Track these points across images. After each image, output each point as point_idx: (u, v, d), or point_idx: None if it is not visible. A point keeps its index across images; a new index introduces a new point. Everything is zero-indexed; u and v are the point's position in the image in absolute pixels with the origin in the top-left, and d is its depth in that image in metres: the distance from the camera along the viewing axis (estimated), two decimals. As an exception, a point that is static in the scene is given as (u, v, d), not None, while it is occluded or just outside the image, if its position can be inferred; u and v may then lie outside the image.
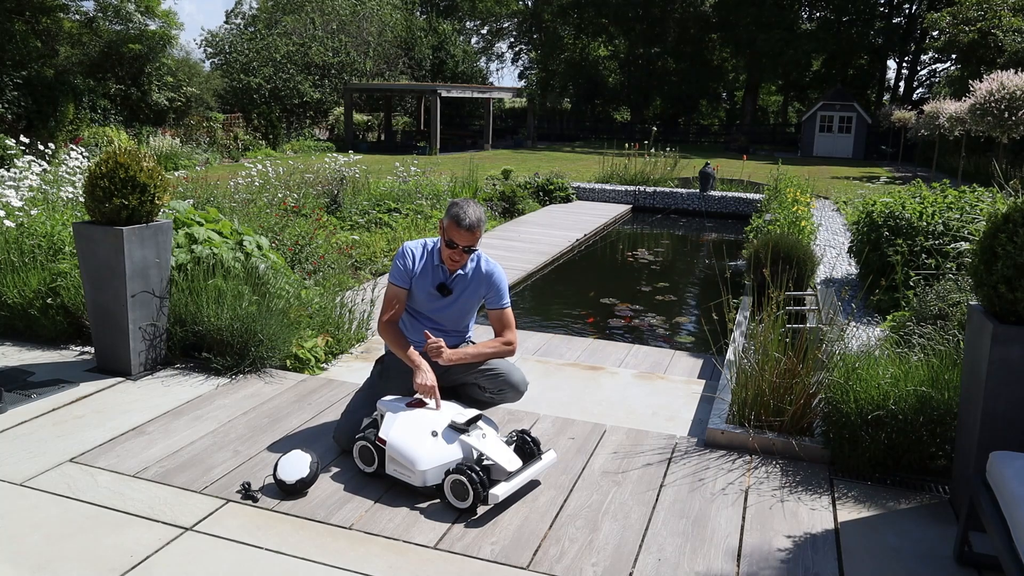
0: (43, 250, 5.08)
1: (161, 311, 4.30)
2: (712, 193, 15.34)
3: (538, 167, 19.23)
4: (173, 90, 21.52)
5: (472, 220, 3.37)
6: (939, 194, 6.98)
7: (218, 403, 3.92)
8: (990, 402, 2.72)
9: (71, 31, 20.67)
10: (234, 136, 22.20)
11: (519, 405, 3.88)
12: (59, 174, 7.05)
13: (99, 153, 6.16)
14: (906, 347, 3.97)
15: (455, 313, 3.61)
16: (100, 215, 4.06)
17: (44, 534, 2.71)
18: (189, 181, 8.59)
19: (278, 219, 6.93)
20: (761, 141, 33.76)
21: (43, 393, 3.90)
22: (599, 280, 9.90)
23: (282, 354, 4.44)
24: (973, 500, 2.58)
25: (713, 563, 2.68)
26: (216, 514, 2.88)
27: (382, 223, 9.90)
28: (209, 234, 4.96)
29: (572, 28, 40.42)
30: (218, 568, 2.56)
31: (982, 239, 2.87)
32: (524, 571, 2.61)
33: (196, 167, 16.53)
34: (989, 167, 12.95)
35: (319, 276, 6.34)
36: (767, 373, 3.58)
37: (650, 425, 3.95)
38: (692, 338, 6.98)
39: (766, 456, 3.48)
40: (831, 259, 8.63)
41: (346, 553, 2.67)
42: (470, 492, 2.88)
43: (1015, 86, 12.86)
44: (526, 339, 5.76)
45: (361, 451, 3.18)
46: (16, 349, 4.56)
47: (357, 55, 29.90)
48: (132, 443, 3.43)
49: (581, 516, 2.96)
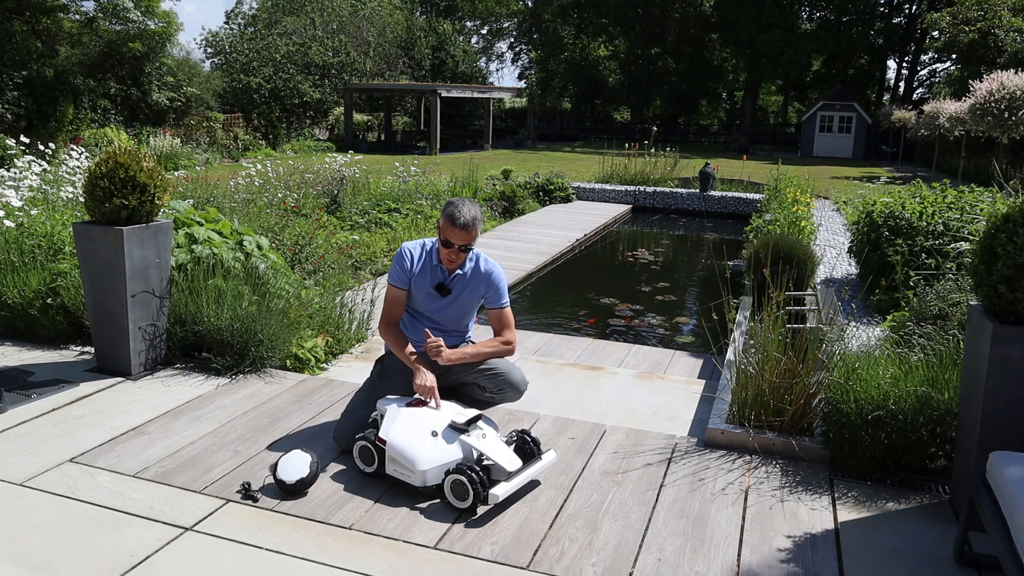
0: (43, 250, 5.08)
1: (161, 311, 4.30)
2: (712, 193, 15.34)
3: (538, 167, 19.23)
4: (173, 90, 21.52)
5: (467, 218, 3.36)
6: (939, 194, 6.98)
7: (218, 403, 3.92)
8: (990, 402, 2.72)
9: (71, 31, 20.66)
10: (234, 136, 22.20)
11: (519, 405, 3.88)
12: (59, 174, 7.05)
13: (99, 153, 6.15)
14: (906, 347, 3.96)
15: (455, 313, 3.61)
16: (100, 215, 4.06)
17: (44, 534, 2.71)
18: (189, 181, 8.59)
19: (278, 219, 6.93)
20: (761, 141, 33.76)
21: (43, 393, 3.90)
22: (599, 280, 9.90)
23: (282, 354, 4.44)
24: (973, 500, 2.58)
25: (713, 563, 2.68)
26: (216, 514, 2.88)
27: (382, 223, 9.90)
28: (209, 234, 4.96)
29: (572, 28, 40.42)
30: (218, 568, 2.56)
31: (982, 239, 2.87)
32: (524, 571, 2.61)
33: (196, 167, 16.53)
34: (989, 167, 12.96)
35: (319, 276, 6.34)
36: (767, 373, 3.58)
37: (650, 425, 3.95)
38: (692, 338, 6.98)
39: (766, 456, 3.48)
40: (831, 259, 8.63)
41: (346, 553, 2.67)
42: (470, 492, 2.88)
43: (1015, 86, 12.86)
44: (526, 339, 5.76)
45: (361, 451, 3.18)
46: (16, 349, 4.56)
47: (357, 55, 29.91)
48: (132, 443, 3.43)
49: (581, 516, 2.95)
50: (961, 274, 4.83)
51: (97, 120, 19.07)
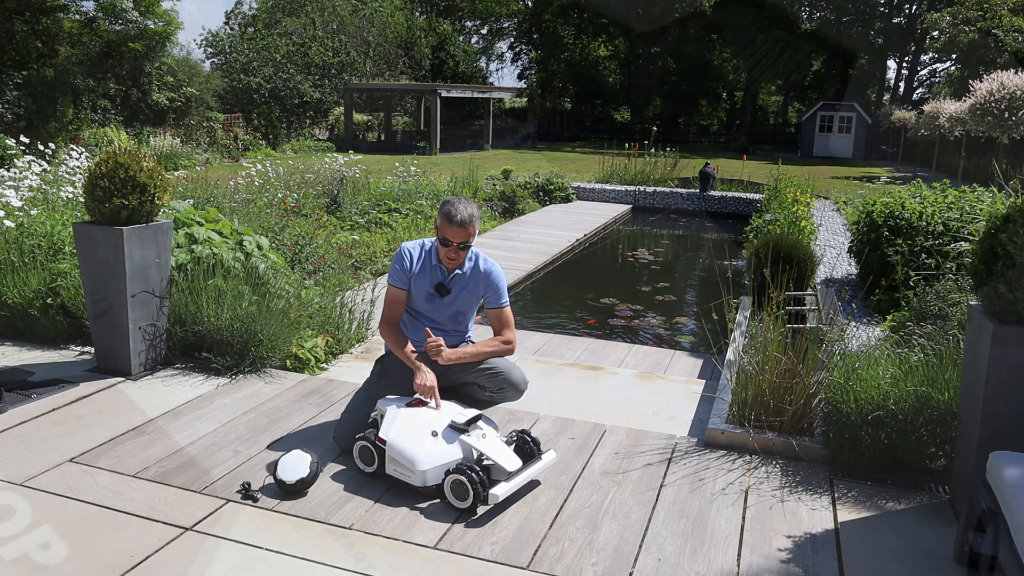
0: (43, 250, 5.08)
1: (161, 311, 4.30)
2: (712, 193, 15.34)
3: (538, 167, 19.23)
4: (173, 90, 21.52)
5: (463, 216, 3.36)
6: (939, 194, 6.97)
7: (218, 403, 3.92)
8: (990, 402, 2.72)
9: (71, 31, 20.66)
10: (234, 136, 22.20)
11: (519, 405, 3.88)
12: (59, 174, 7.05)
13: (99, 153, 6.15)
14: (906, 347, 3.96)
15: (454, 312, 3.61)
16: (100, 215, 4.06)
17: (44, 534, 2.70)
18: (189, 181, 8.59)
19: (278, 219, 6.93)
20: (761, 141, 33.74)
21: (43, 393, 3.90)
22: (599, 280, 9.90)
23: (282, 354, 4.44)
24: (973, 500, 2.58)
25: (713, 563, 2.68)
26: (216, 514, 2.88)
27: (382, 223, 9.90)
28: (209, 234, 4.96)
29: (572, 28, 40.40)
30: (218, 568, 2.56)
31: (982, 239, 2.87)
32: (524, 571, 2.61)
33: (196, 167, 16.53)
34: (989, 167, 12.95)
35: (319, 276, 6.34)
36: (767, 373, 3.58)
37: (650, 425, 3.95)
38: (692, 338, 6.98)
39: (766, 456, 3.48)
40: (831, 259, 8.63)
41: (346, 553, 2.67)
42: (470, 492, 2.88)
43: (1015, 86, 12.86)
44: (526, 339, 5.76)
45: (361, 451, 3.18)
46: (16, 349, 4.56)
47: (357, 55, 29.91)
48: (132, 443, 3.43)
49: (581, 516, 2.95)
50: (961, 274, 4.83)
51: (97, 120, 19.07)
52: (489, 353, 3.58)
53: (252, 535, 2.75)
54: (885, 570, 2.66)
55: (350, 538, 2.76)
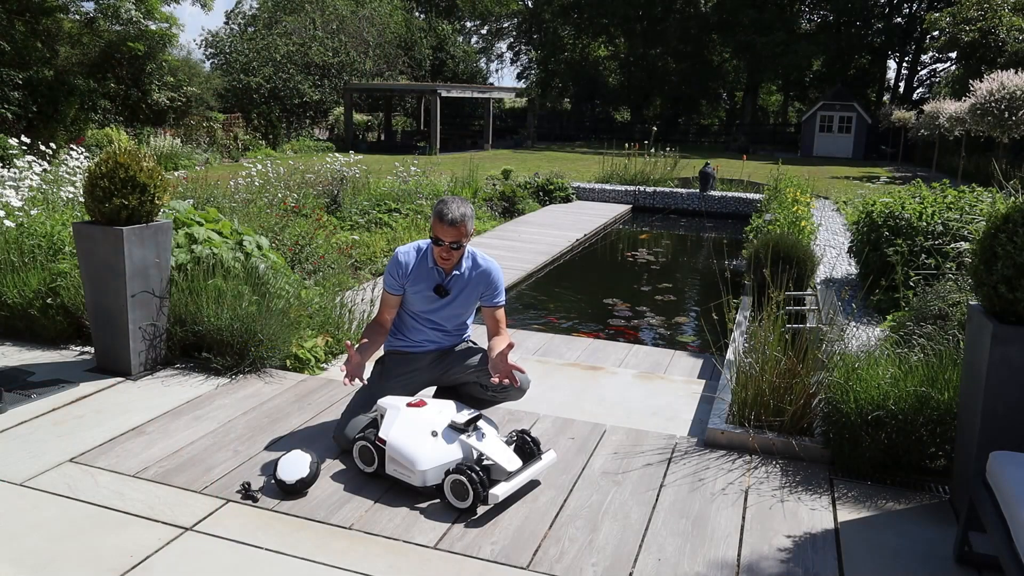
0: (43, 250, 5.08)
1: (161, 311, 4.30)
2: (712, 193, 15.34)
3: (538, 167, 19.23)
4: (173, 90, 21.51)
5: (456, 215, 3.34)
6: (939, 194, 6.97)
7: (218, 403, 3.92)
8: (990, 402, 2.72)
9: (71, 32, 20.65)
10: (234, 136, 22.19)
11: (519, 405, 3.88)
12: (59, 174, 7.05)
13: (99, 153, 6.15)
14: (906, 347, 3.96)
15: (454, 313, 3.61)
16: (100, 215, 4.06)
17: (44, 534, 2.71)
18: (189, 181, 8.59)
19: (278, 219, 6.93)
20: (761, 141, 33.74)
21: (43, 393, 3.90)
22: (599, 280, 9.90)
23: (282, 354, 4.44)
24: (973, 500, 2.58)
25: (713, 563, 2.68)
26: (216, 514, 2.88)
27: (382, 223, 9.90)
28: (209, 234, 4.96)
29: (572, 28, 40.41)
30: (218, 568, 2.56)
31: (982, 239, 2.87)
32: (524, 571, 2.61)
33: (196, 167, 16.53)
34: (989, 167, 12.95)
35: (319, 276, 6.34)
36: (767, 373, 3.58)
37: (650, 425, 3.95)
38: (692, 338, 6.98)
39: (766, 456, 3.48)
40: (831, 259, 8.62)
41: (346, 553, 2.67)
42: (470, 492, 2.88)
43: (1015, 86, 12.87)
44: (526, 339, 5.76)
45: (361, 451, 3.18)
46: (16, 349, 4.56)
47: (357, 55, 29.89)
48: (132, 443, 3.43)
49: (581, 516, 2.95)
50: (961, 274, 4.83)
51: (97, 120, 19.06)
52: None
53: (252, 535, 2.75)
54: (885, 570, 2.66)
55: (350, 538, 2.76)
